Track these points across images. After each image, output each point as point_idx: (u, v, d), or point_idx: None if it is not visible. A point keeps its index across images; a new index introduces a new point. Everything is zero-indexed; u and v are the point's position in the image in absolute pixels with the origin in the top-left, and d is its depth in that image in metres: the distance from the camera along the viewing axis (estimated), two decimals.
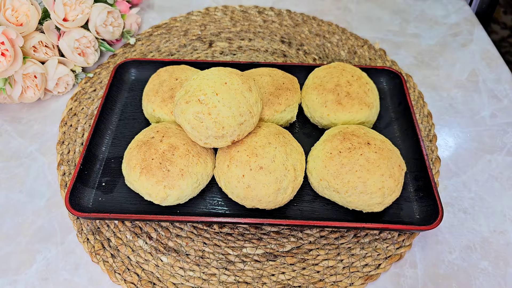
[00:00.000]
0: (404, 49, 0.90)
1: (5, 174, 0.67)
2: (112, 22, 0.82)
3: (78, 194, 0.59)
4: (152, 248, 0.59)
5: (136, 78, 0.78)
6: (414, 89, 0.80)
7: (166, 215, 0.58)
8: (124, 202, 0.61)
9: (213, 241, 0.59)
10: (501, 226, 0.62)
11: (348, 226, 0.56)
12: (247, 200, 0.57)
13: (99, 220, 0.60)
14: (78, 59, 0.78)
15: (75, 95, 0.78)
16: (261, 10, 0.97)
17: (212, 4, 1.00)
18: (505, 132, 0.74)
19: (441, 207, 0.57)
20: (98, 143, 0.66)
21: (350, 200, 0.57)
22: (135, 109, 0.73)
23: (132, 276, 0.56)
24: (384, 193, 0.56)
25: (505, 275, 0.57)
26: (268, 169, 0.55)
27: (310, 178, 0.61)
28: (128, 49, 0.88)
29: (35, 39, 0.72)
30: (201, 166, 0.59)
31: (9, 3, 0.69)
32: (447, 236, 0.61)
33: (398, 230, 0.57)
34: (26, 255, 0.58)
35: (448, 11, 0.99)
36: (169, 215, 0.58)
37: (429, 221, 0.56)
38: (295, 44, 0.89)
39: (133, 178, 0.58)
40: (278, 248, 0.59)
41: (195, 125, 0.55)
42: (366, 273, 0.57)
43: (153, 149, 0.58)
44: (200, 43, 0.89)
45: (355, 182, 0.56)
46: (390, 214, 0.59)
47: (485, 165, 0.69)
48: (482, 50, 0.89)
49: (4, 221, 0.62)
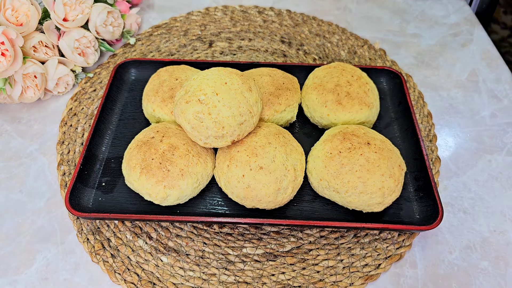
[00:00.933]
0: (404, 49, 0.90)
1: (5, 174, 0.67)
2: (112, 22, 0.82)
3: (78, 194, 0.59)
4: (152, 248, 0.59)
5: (136, 78, 0.78)
6: (414, 89, 0.80)
7: (166, 215, 0.58)
8: (124, 202, 0.61)
9: (213, 241, 0.59)
10: (501, 226, 0.62)
11: (348, 226, 0.56)
12: (247, 200, 0.57)
13: (99, 220, 0.60)
14: (78, 59, 0.78)
15: (75, 95, 0.78)
16: (261, 10, 0.97)
17: (212, 4, 1.00)
18: (505, 132, 0.74)
19: (441, 207, 0.57)
20: (98, 143, 0.66)
21: (350, 200, 0.57)
22: (135, 109, 0.73)
23: (132, 276, 0.56)
24: (384, 193, 0.56)
25: (505, 275, 0.57)
26: (268, 169, 0.55)
27: (310, 178, 0.61)
28: (128, 49, 0.88)
29: (35, 39, 0.72)
30: (201, 166, 0.59)
31: (9, 3, 0.69)
32: (447, 236, 0.61)
33: (398, 230, 0.56)
34: (26, 255, 0.58)
35: (448, 11, 0.99)
36: (169, 215, 0.58)
37: (429, 221, 0.56)
38: (295, 44, 0.89)
39: (133, 178, 0.58)
40: (278, 248, 0.59)
41: (195, 125, 0.55)
42: (366, 273, 0.57)
43: (153, 149, 0.58)
44: (200, 43, 0.89)
45: (355, 182, 0.56)
46: (390, 214, 0.59)
47: (485, 165, 0.69)
48: (482, 50, 0.89)
49: (4, 221, 0.62)
